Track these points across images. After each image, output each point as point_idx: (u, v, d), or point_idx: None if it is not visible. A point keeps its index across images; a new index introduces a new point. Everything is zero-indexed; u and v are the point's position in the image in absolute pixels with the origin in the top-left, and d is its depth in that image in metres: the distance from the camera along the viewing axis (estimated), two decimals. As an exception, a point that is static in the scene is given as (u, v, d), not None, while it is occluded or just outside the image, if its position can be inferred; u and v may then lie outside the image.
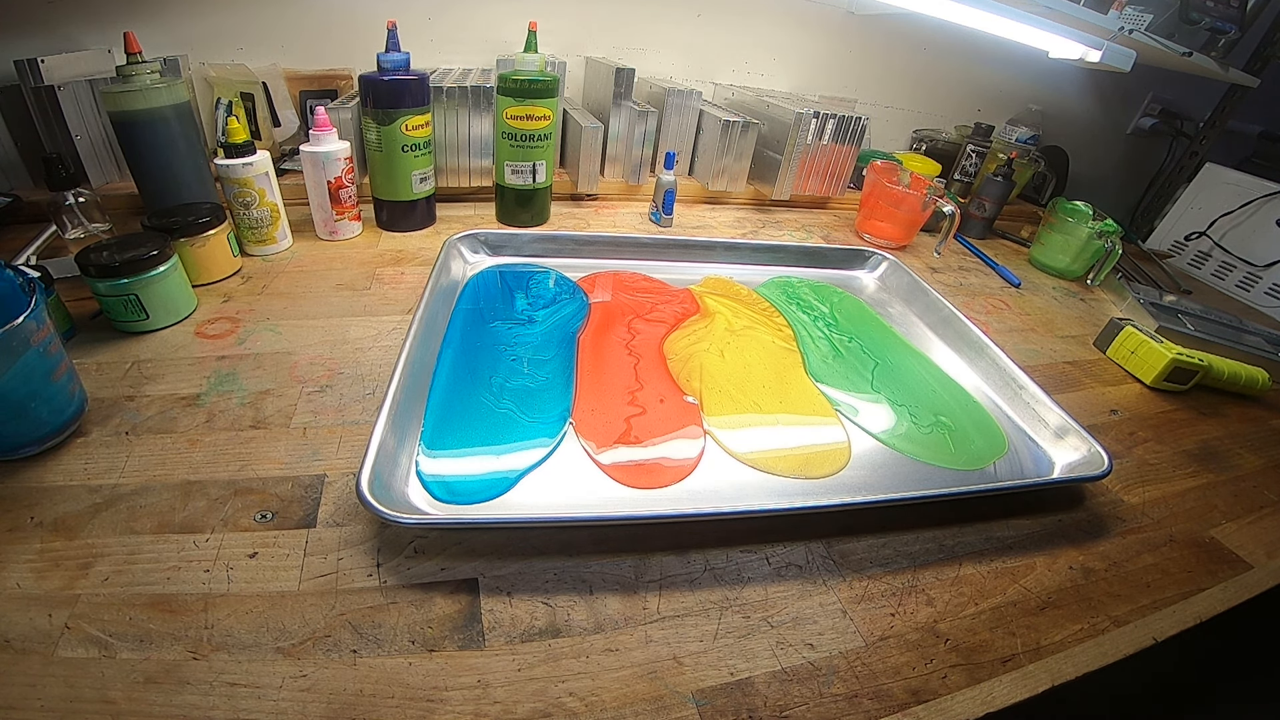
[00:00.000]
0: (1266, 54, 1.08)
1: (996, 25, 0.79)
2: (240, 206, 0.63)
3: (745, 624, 0.35)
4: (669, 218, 0.85)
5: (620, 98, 0.85)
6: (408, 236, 0.75)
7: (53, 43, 0.73)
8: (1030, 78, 1.17)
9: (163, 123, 0.60)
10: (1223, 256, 1.01)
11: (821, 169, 0.95)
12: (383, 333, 0.56)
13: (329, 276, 0.64)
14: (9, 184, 0.73)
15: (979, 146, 1.04)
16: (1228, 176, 1.03)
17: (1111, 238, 0.84)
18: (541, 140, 0.74)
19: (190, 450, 0.41)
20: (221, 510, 0.38)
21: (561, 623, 0.34)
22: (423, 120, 0.70)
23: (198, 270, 0.59)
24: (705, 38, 1.01)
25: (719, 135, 0.89)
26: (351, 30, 0.85)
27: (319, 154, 0.66)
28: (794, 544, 0.40)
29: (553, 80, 0.71)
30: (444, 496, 0.40)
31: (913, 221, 0.88)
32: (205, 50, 0.80)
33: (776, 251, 0.78)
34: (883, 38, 1.07)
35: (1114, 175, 1.38)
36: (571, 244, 0.73)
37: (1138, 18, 0.87)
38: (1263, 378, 0.66)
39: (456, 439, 0.44)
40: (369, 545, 0.36)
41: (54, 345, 0.39)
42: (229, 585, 0.33)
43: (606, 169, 0.91)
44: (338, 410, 0.46)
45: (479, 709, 0.30)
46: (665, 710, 0.31)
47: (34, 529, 0.35)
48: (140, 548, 0.35)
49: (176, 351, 0.51)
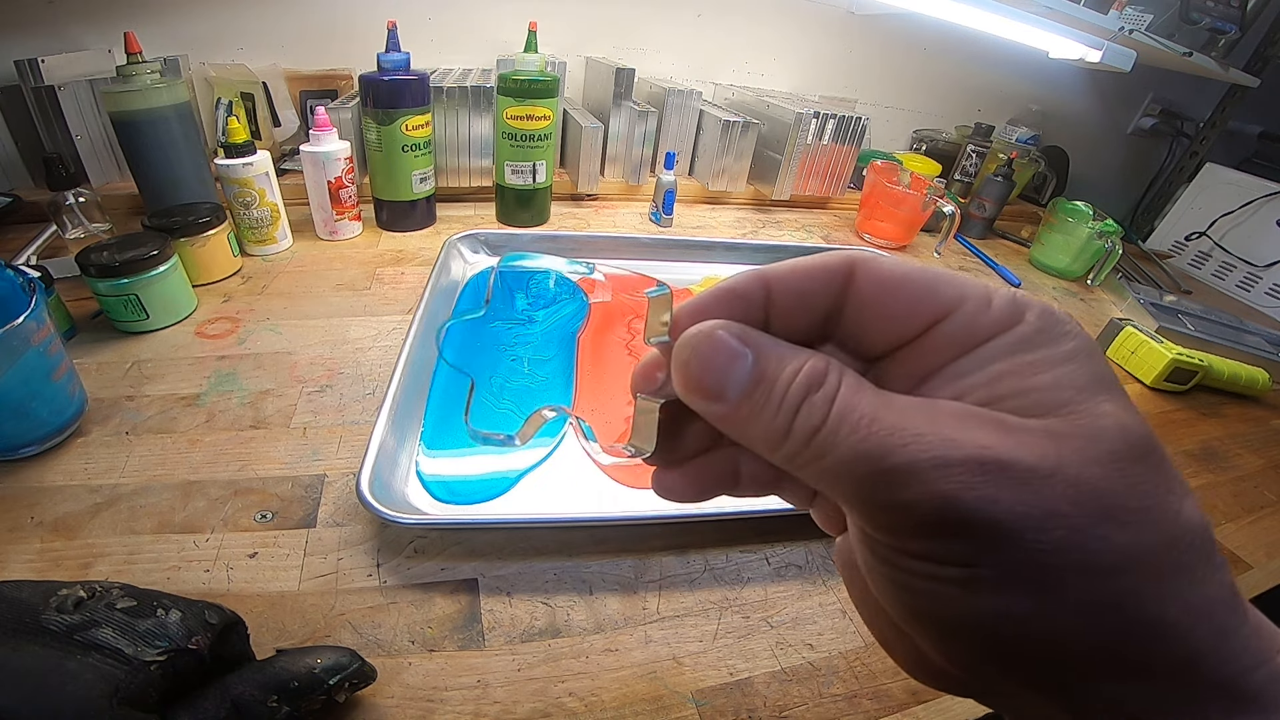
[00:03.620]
0: (1266, 54, 1.08)
1: (996, 25, 0.79)
2: (240, 206, 0.63)
3: (745, 624, 0.35)
4: (669, 218, 0.85)
5: (620, 98, 0.85)
6: (408, 236, 0.75)
7: (53, 43, 0.73)
8: (1030, 78, 1.17)
9: (163, 123, 0.60)
10: (1223, 257, 1.01)
11: (821, 169, 0.95)
12: (383, 333, 0.56)
13: (329, 276, 0.64)
14: (9, 184, 0.73)
15: (979, 146, 1.04)
16: (1228, 176, 1.03)
17: (1111, 238, 0.84)
18: (541, 140, 0.74)
19: (190, 450, 0.41)
20: (221, 510, 0.38)
21: (561, 623, 0.34)
22: (423, 120, 0.70)
23: (198, 270, 0.59)
24: (705, 38, 1.01)
25: (719, 135, 0.89)
26: (351, 30, 0.85)
27: (319, 154, 0.66)
28: (794, 544, 0.40)
29: (553, 80, 0.71)
30: (444, 497, 0.40)
31: (913, 221, 0.88)
32: (205, 50, 0.80)
33: (777, 252, 0.78)
34: (883, 38, 1.07)
35: (1114, 175, 1.38)
36: (571, 244, 0.73)
37: (1138, 18, 0.87)
38: (1263, 378, 0.66)
39: (456, 439, 0.44)
40: (369, 545, 0.36)
41: (54, 345, 0.39)
42: (229, 585, 0.33)
43: (606, 169, 0.91)
44: (338, 410, 0.46)
45: (479, 709, 0.30)
46: (665, 710, 0.31)
47: (34, 529, 0.35)
48: (140, 548, 0.35)
49: (176, 351, 0.51)
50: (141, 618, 0.24)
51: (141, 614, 0.24)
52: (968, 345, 0.13)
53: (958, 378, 0.14)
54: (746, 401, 0.14)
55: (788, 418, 0.13)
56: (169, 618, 0.24)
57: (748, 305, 0.15)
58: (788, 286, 0.15)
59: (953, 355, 0.14)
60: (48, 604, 0.23)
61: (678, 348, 0.15)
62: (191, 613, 0.25)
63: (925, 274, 0.14)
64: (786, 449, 0.13)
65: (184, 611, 0.25)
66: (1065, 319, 0.13)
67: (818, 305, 0.15)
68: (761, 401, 0.14)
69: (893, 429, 0.12)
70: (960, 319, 0.14)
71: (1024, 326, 0.13)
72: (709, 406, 0.14)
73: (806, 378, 0.13)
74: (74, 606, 0.23)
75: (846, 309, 0.15)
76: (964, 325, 0.14)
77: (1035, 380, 0.13)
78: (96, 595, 0.24)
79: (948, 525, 0.12)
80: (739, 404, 0.14)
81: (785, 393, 0.13)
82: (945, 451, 0.12)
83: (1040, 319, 0.13)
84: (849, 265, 0.15)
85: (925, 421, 0.12)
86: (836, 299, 0.15)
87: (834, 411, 0.13)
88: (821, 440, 0.13)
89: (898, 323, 0.14)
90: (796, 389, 0.13)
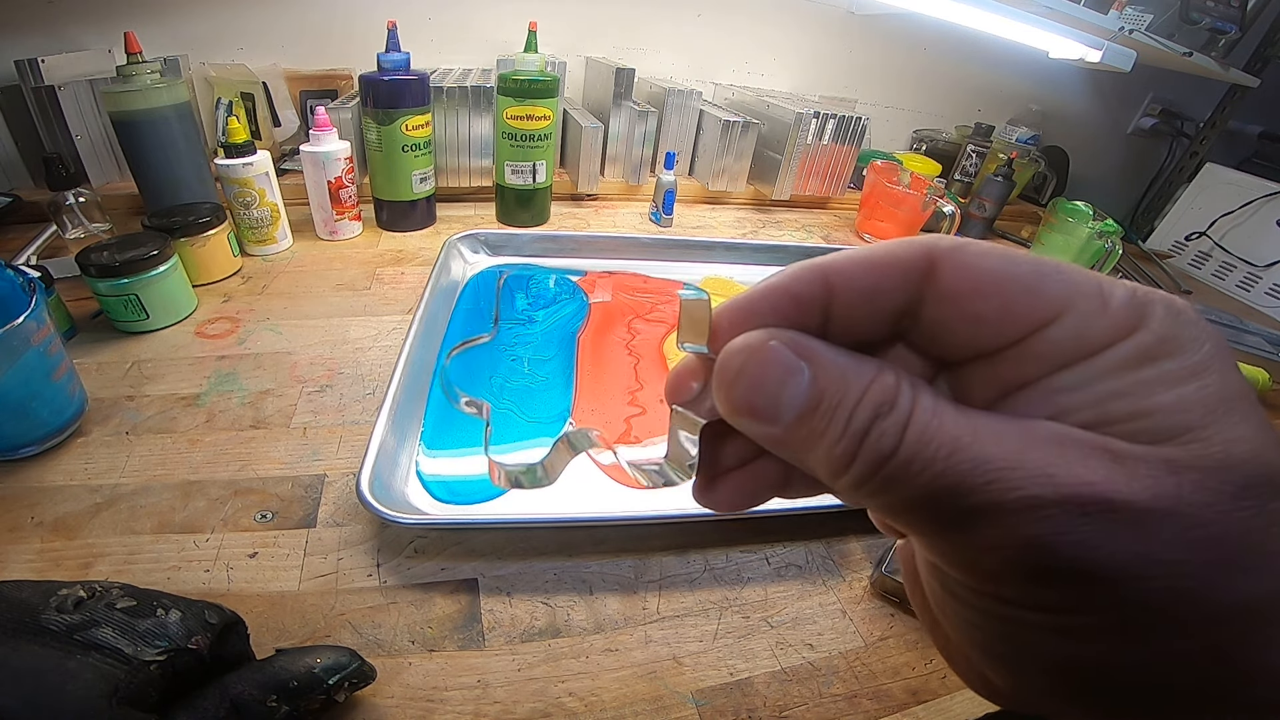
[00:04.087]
0: (1266, 54, 1.08)
1: (996, 25, 0.79)
2: (240, 206, 0.63)
3: (745, 624, 0.35)
4: (669, 218, 0.85)
5: (620, 98, 0.85)
6: (408, 236, 0.75)
7: (53, 43, 0.73)
8: (1030, 78, 1.17)
9: (163, 123, 0.60)
10: (1223, 257, 1.01)
11: (822, 169, 0.95)
12: (383, 333, 0.56)
13: (329, 276, 0.64)
14: (9, 184, 0.73)
15: (979, 146, 1.04)
16: (1228, 176, 1.03)
17: (1112, 238, 0.84)
18: (541, 140, 0.74)
19: (190, 450, 0.41)
20: (222, 510, 0.38)
21: (561, 623, 0.34)
22: (423, 120, 0.70)
23: (198, 270, 0.59)
24: (705, 38, 1.01)
25: (719, 135, 0.89)
26: (351, 30, 0.85)
27: (319, 154, 0.66)
28: (794, 544, 0.40)
29: (553, 80, 0.71)
30: (444, 496, 0.40)
31: (913, 221, 0.88)
32: (205, 50, 0.80)
33: (777, 252, 0.78)
34: (883, 38, 1.07)
35: (1114, 175, 1.38)
36: (571, 244, 0.73)
37: (1138, 18, 0.87)
38: (1263, 378, 0.66)
39: (456, 439, 0.44)
40: (369, 545, 0.36)
41: (54, 345, 0.39)
42: (229, 585, 0.33)
43: (606, 169, 0.91)
44: (338, 410, 0.46)
45: (479, 709, 0.30)
46: (665, 710, 0.31)
47: (34, 529, 0.35)
48: (140, 547, 0.35)
49: (176, 351, 0.51)
50: (141, 617, 0.24)
51: (141, 614, 0.24)
52: (1075, 356, 0.11)
53: (1058, 392, 0.11)
54: (803, 424, 0.12)
55: (853, 443, 0.12)
56: (169, 617, 0.24)
57: (803, 307, 0.13)
58: (853, 284, 0.13)
59: (1054, 367, 0.11)
60: (48, 604, 0.23)
61: (722, 364, 0.13)
62: (191, 612, 0.25)
63: (1024, 267, 0.12)
64: (850, 478, 0.12)
65: (184, 611, 0.25)
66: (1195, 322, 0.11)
67: (889, 305, 0.13)
68: (822, 424, 0.12)
69: (976, 461, 0.10)
70: (1069, 325, 0.11)
71: (1145, 334, 0.11)
72: (759, 429, 0.13)
73: (875, 397, 0.12)
74: (74, 606, 0.23)
75: (924, 308, 0.13)
76: (1073, 332, 0.11)
77: (1155, 400, 0.11)
78: (96, 595, 0.24)
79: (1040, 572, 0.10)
80: (794, 426, 0.12)
81: (850, 414, 0.12)
82: (1039, 490, 0.10)
83: (1166, 324, 0.11)
84: (928, 257, 0.12)
85: (1017, 451, 0.10)
86: (912, 298, 0.13)
87: (907, 439, 0.11)
88: (891, 471, 0.11)
89: (989, 327, 0.12)
90: (864, 411, 0.11)
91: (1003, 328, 0.12)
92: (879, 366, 0.12)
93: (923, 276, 0.12)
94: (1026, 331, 0.12)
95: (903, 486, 0.11)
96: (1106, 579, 0.10)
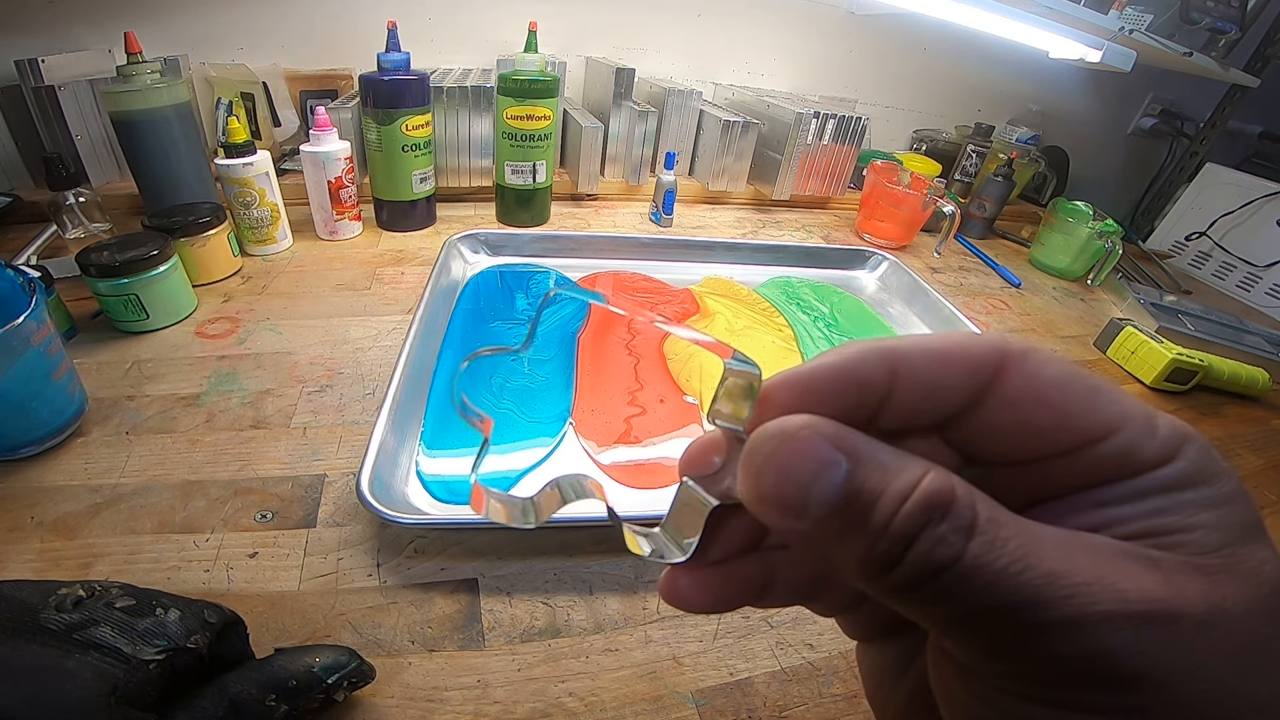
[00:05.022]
0: (1266, 54, 1.08)
1: (996, 25, 0.79)
2: (240, 206, 0.63)
3: (745, 624, 0.35)
4: (669, 218, 0.85)
5: (620, 98, 0.85)
6: (408, 236, 0.75)
7: (53, 43, 0.73)
8: (1030, 78, 1.17)
9: (163, 123, 0.60)
10: (1223, 257, 1.01)
11: (822, 169, 0.95)
12: (383, 333, 0.56)
13: (329, 276, 0.64)
14: (9, 184, 0.73)
15: (979, 146, 1.04)
16: (1228, 176, 1.03)
17: (1112, 238, 0.84)
18: (541, 140, 0.74)
19: (190, 450, 0.41)
20: (222, 510, 0.38)
21: (561, 623, 0.34)
22: (423, 120, 0.70)
23: (198, 270, 0.59)
24: (705, 38, 1.01)
25: (719, 135, 0.89)
26: (351, 30, 0.85)
27: (319, 154, 0.66)
28: (794, 544, 0.40)
29: (553, 80, 0.71)
30: (444, 496, 0.40)
31: (913, 221, 0.88)
32: (205, 50, 0.80)
33: (776, 251, 0.78)
34: (883, 38, 1.07)
35: (1114, 175, 1.38)
36: (571, 244, 0.73)
37: (1138, 18, 0.87)
38: (1263, 378, 0.66)
39: (456, 439, 0.44)
40: (369, 545, 0.36)
41: (54, 345, 0.39)
42: (229, 585, 0.33)
43: (606, 169, 0.91)
44: (338, 410, 0.46)
45: (479, 709, 0.30)
46: (665, 710, 0.31)
47: (34, 529, 0.35)
48: (140, 547, 0.35)
49: (177, 351, 0.51)
50: (140, 617, 0.24)
51: (140, 613, 0.24)
52: (1121, 473, 0.12)
53: (1102, 506, 0.12)
54: (834, 520, 0.11)
55: (897, 546, 0.11)
56: (168, 617, 0.24)
57: (864, 393, 0.13)
58: (918, 375, 0.13)
59: (1099, 480, 0.12)
60: (47, 603, 0.23)
61: (751, 449, 0.12)
62: (190, 612, 0.25)
63: (1085, 382, 0.12)
64: (893, 582, 0.11)
65: (183, 611, 0.25)
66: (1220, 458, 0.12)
67: (949, 402, 0.13)
68: (857, 521, 0.11)
69: (1050, 576, 0.10)
70: (1119, 443, 0.12)
71: (1183, 462, 0.12)
72: (785, 523, 0.12)
73: (925, 499, 0.11)
74: (73, 605, 0.23)
75: (982, 409, 0.12)
76: (1122, 451, 0.12)
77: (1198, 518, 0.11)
78: (96, 594, 0.24)
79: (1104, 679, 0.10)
80: (824, 521, 0.11)
81: (893, 514, 0.11)
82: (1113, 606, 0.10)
83: (1201, 455, 0.12)
84: (999, 358, 0.12)
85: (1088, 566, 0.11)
86: (974, 397, 0.12)
87: (971, 550, 0.11)
88: (950, 583, 0.11)
89: (1043, 436, 0.12)
90: (912, 513, 0.11)
91: (1058, 438, 0.12)
92: (926, 466, 0.12)
93: (992, 377, 0.12)
94: (1078, 445, 0.12)
95: (964, 599, 0.11)
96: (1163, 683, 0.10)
